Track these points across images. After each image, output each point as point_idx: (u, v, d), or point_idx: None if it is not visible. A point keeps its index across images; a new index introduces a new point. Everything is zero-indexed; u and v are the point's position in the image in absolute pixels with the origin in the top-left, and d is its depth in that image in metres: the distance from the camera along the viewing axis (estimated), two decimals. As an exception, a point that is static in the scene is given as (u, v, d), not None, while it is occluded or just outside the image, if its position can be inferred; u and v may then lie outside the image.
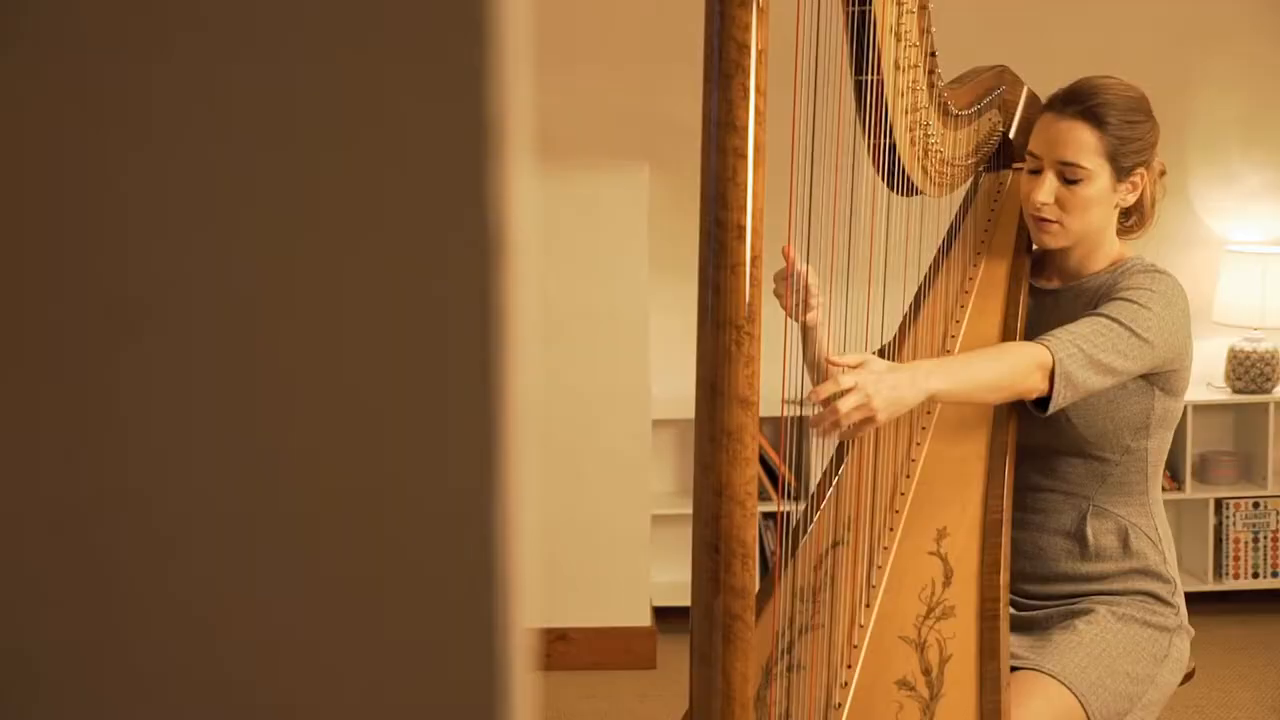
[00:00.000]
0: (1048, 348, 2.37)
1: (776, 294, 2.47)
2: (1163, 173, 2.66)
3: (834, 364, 2.21)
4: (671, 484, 5.29)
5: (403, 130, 0.51)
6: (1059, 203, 2.52)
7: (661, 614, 5.04)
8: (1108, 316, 2.43)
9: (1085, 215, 2.53)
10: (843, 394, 2.14)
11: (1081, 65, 4.58)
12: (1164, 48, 4.75)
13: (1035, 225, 2.57)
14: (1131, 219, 2.67)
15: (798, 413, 2.58)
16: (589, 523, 4.93)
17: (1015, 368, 2.36)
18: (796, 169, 1.92)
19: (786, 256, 2.40)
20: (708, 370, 1.71)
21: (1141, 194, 2.60)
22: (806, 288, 2.47)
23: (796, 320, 2.54)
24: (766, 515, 5.06)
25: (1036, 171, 2.55)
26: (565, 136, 4.76)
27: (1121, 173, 2.53)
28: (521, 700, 0.54)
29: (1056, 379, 2.36)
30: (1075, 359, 2.37)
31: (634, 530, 4.95)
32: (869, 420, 2.17)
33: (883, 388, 2.16)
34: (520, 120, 0.52)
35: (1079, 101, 2.52)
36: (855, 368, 2.18)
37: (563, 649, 4.96)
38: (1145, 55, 4.73)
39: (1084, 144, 2.50)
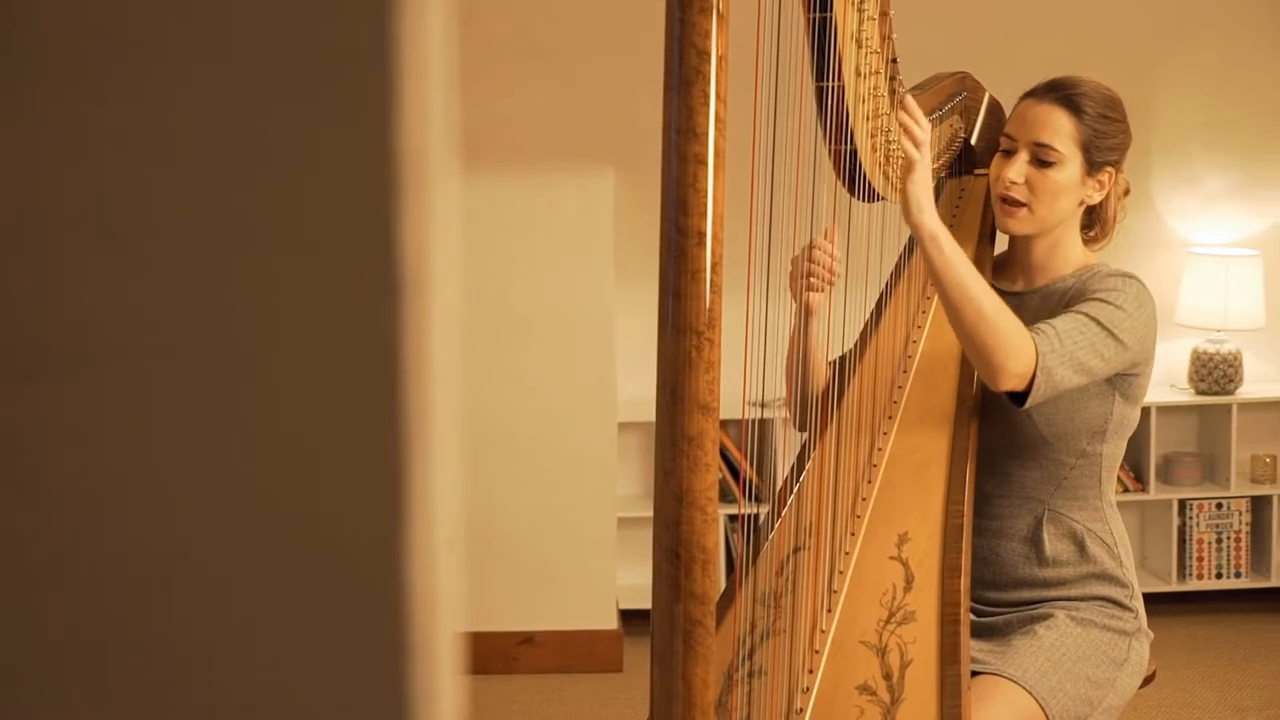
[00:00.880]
0: (1033, 339, 2.38)
1: (793, 274, 2.51)
2: (1126, 191, 2.68)
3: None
4: (638, 487, 5.29)
5: (307, 168, 0.51)
6: (1029, 184, 2.55)
7: (627, 617, 5.04)
8: (1086, 315, 2.44)
9: (1053, 201, 2.55)
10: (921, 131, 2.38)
11: (1045, 70, 4.59)
12: (1127, 52, 4.77)
13: (1001, 208, 2.59)
14: (1094, 229, 2.68)
15: (760, 415, 2.59)
16: (554, 525, 4.92)
17: (1008, 327, 2.35)
18: (758, 175, 1.92)
19: (827, 236, 2.48)
20: (668, 376, 1.71)
21: (1105, 200, 2.61)
22: (814, 260, 2.50)
23: (797, 299, 2.56)
24: (732, 518, 5.07)
25: (1010, 153, 2.57)
26: (531, 140, 4.76)
27: (1092, 166, 2.56)
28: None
29: (1038, 372, 2.36)
30: (1058, 354, 2.38)
31: (600, 533, 4.95)
32: (913, 157, 2.38)
33: (928, 172, 2.39)
34: (437, 151, 0.52)
35: (1059, 90, 2.57)
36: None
37: (528, 652, 4.96)
38: (1108, 60, 4.75)
39: (1060, 128, 2.54)
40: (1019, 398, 2.39)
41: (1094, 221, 2.67)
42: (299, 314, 0.51)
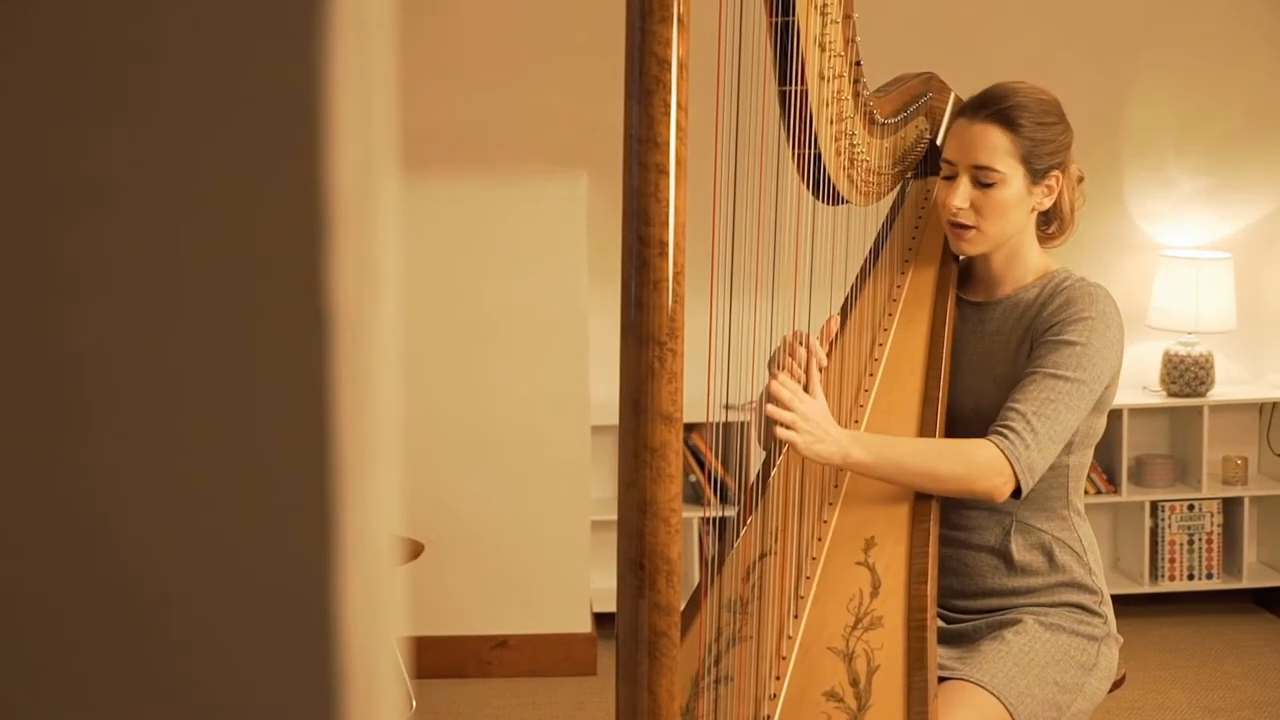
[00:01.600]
0: (1001, 451, 2.39)
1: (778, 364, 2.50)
2: (1080, 179, 2.67)
3: (778, 391, 2.33)
4: (611, 490, 5.28)
5: (228, 211, 0.50)
6: (974, 207, 2.53)
7: (602, 620, 5.03)
8: (1053, 375, 2.44)
9: (1002, 219, 2.54)
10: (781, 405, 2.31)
11: (1016, 73, 4.60)
12: (1098, 55, 4.78)
13: (952, 232, 2.58)
14: (1052, 226, 2.67)
15: (730, 417, 2.58)
16: (528, 529, 4.92)
17: (962, 467, 2.39)
18: (721, 180, 1.92)
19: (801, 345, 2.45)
20: (630, 386, 1.71)
21: (1059, 198, 2.60)
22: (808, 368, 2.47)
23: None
24: (707, 521, 5.06)
25: (951, 178, 2.56)
26: (505, 144, 4.75)
27: (1036, 175, 2.54)
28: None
29: (1020, 474, 2.39)
30: (1031, 447, 2.40)
31: (573, 536, 4.94)
32: (789, 440, 2.32)
33: (812, 427, 2.32)
34: (374, 177, 0.51)
35: (991, 105, 2.52)
36: (801, 395, 2.34)
37: (502, 656, 4.95)
38: (1079, 62, 4.76)
39: (997, 147, 2.51)
40: (1015, 493, 2.43)
41: (1051, 219, 2.66)
42: (225, 345, 0.51)
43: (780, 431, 2.30)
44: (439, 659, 4.92)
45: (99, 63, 0.50)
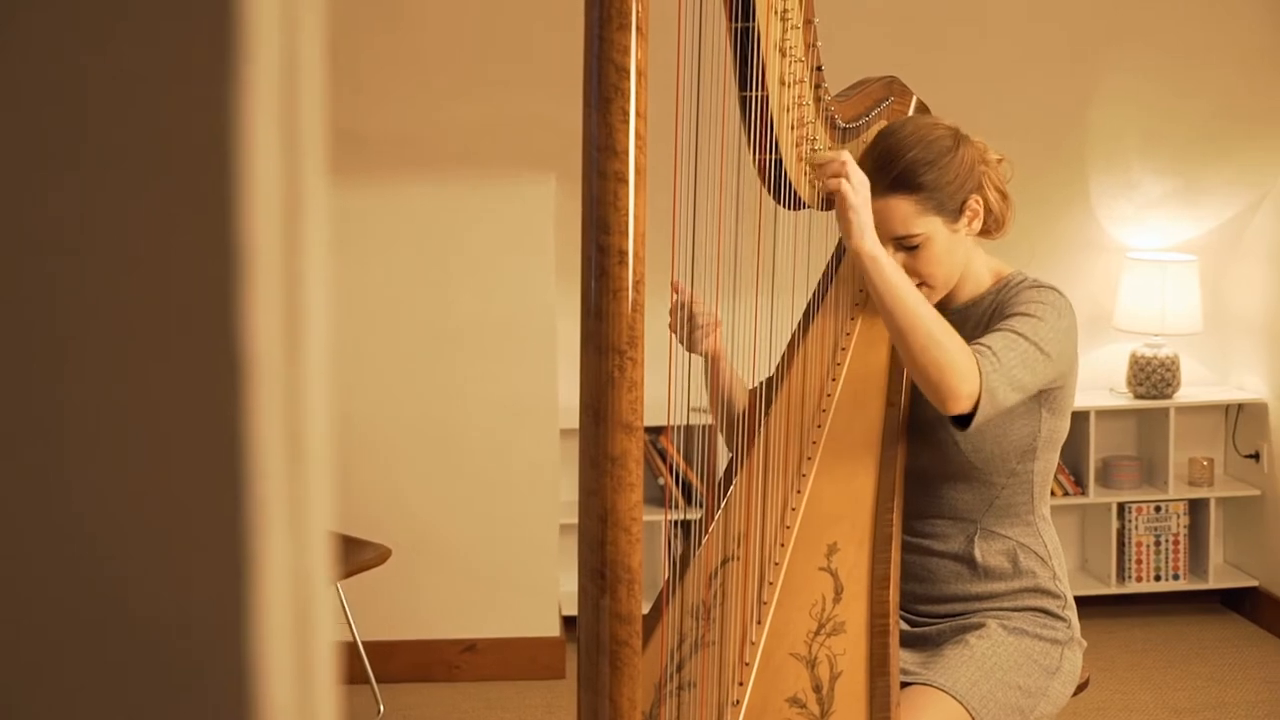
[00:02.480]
0: (977, 364, 2.32)
1: (671, 328, 2.47)
2: (999, 160, 2.63)
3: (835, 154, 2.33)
4: (579, 493, 5.27)
5: (140, 250, 0.50)
6: (910, 270, 2.48)
7: (570, 624, 5.02)
8: (1013, 331, 2.41)
9: (941, 269, 2.52)
10: (837, 164, 2.31)
11: (982, 78, 4.62)
12: (1064, 59, 4.79)
13: None
14: (987, 225, 2.63)
15: (697, 420, 2.58)
16: (497, 532, 4.91)
17: (955, 347, 2.30)
18: (681, 184, 1.92)
19: (675, 289, 2.44)
20: (590, 396, 1.70)
21: (985, 205, 2.59)
22: (692, 318, 2.49)
23: (695, 353, 2.56)
24: (683, 524, 5.06)
25: None
26: (473, 147, 4.74)
27: (954, 215, 2.51)
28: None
29: (983, 394, 2.32)
30: (999, 374, 2.34)
31: (542, 540, 4.94)
32: (839, 189, 2.30)
33: (862, 193, 2.32)
34: (297, 225, 0.51)
35: (886, 172, 2.47)
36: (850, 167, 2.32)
37: (470, 659, 4.94)
38: (1046, 66, 4.78)
39: (907, 214, 2.48)
40: (963, 420, 2.35)
41: (985, 222, 2.62)
42: (136, 382, 0.50)
43: (831, 181, 2.29)
44: (407, 663, 4.91)
45: (10, 107, 0.49)
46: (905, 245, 2.49)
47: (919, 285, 2.49)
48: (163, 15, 0.48)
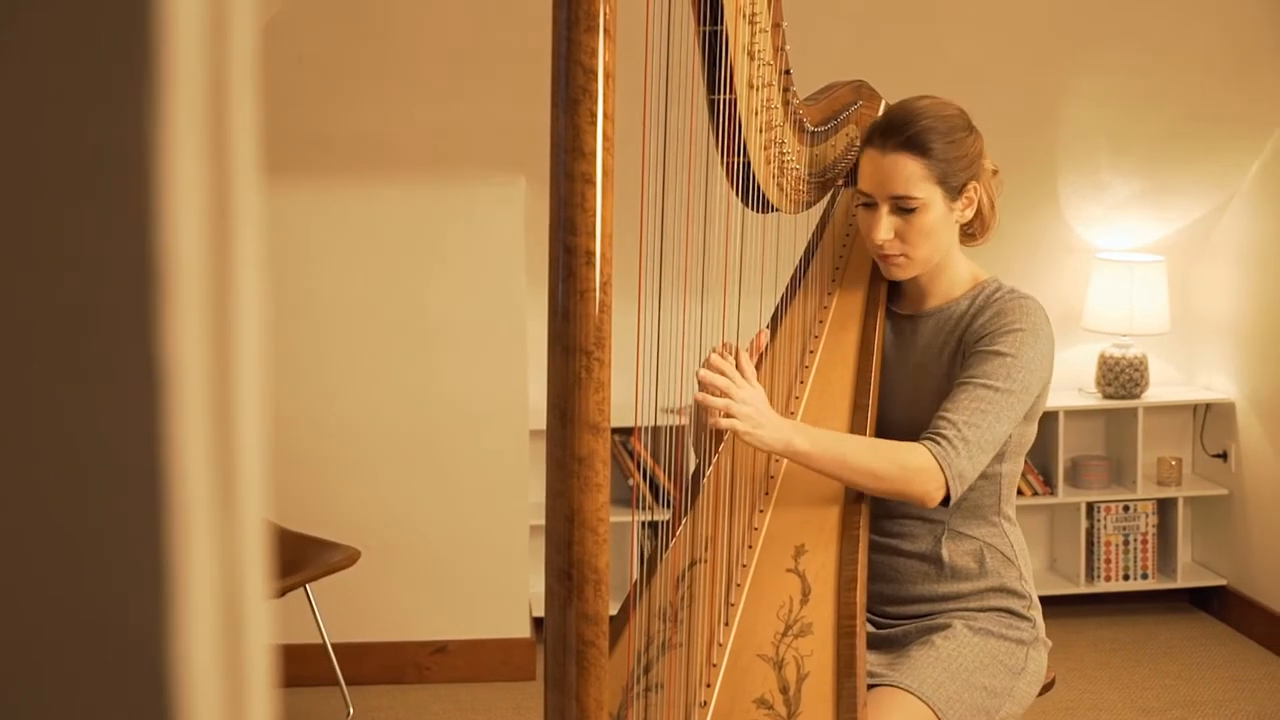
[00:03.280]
0: (933, 455, 2.39)
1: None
2: (995, 171, 2.68)
3: (713, 370, 2.31)
4: (550, 494, 5.26)
5: (58, 269, 0.49)
6: (899, 236, 2.53)
7: (541, 625, 5.00)
8: (983, 384, 2.45)
9: (928, 243, 2.55)
10: (719, 400, 2.29)
11: (950, 76, 4.62)
12: (1033, 60, 4.81)
13: (882, 260, 2.59)
14: (973, 226, 2.67)
15: (667, 421, 2.59)
16: (467, 533, 4.91)
17: (898, 469, 2.38)
18: (649, 188, 1.92)
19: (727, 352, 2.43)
20: (557, 397, 1.70)
21: (979, 203, 2.61)
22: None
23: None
24: (652, 525, 5.06)
25: (870, 205, 2.56)
26: (442, 148, 4.74)
27: (954, 192, 2.54)
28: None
29: (950, 481, 2.39)
30: (963, 455, 2.40)
31: (513, 541, 4.94)
32: (730, 427, 2.30)
33: (752, 412, 2.30)
34: (227, 238, 0.51)
35: (898, 132, 2.51)
36: (738, 380, 2.32)
37: (440, 661, 4.94)
38: (1015, 68, 4.79)
39: (912, 175, 2.50)
40: (945, 500, 2.43)
41: (971, 221, 2.66)
42: (49, 398, 0.50)
43: (720, 420, 2.29)
44: (377, 665, 4.90)
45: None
46: (902, 207, 2.52)
47: (898, 256, 2.54)
48: (77, 26, 0.48)
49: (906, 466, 2.38)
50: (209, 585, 0.50)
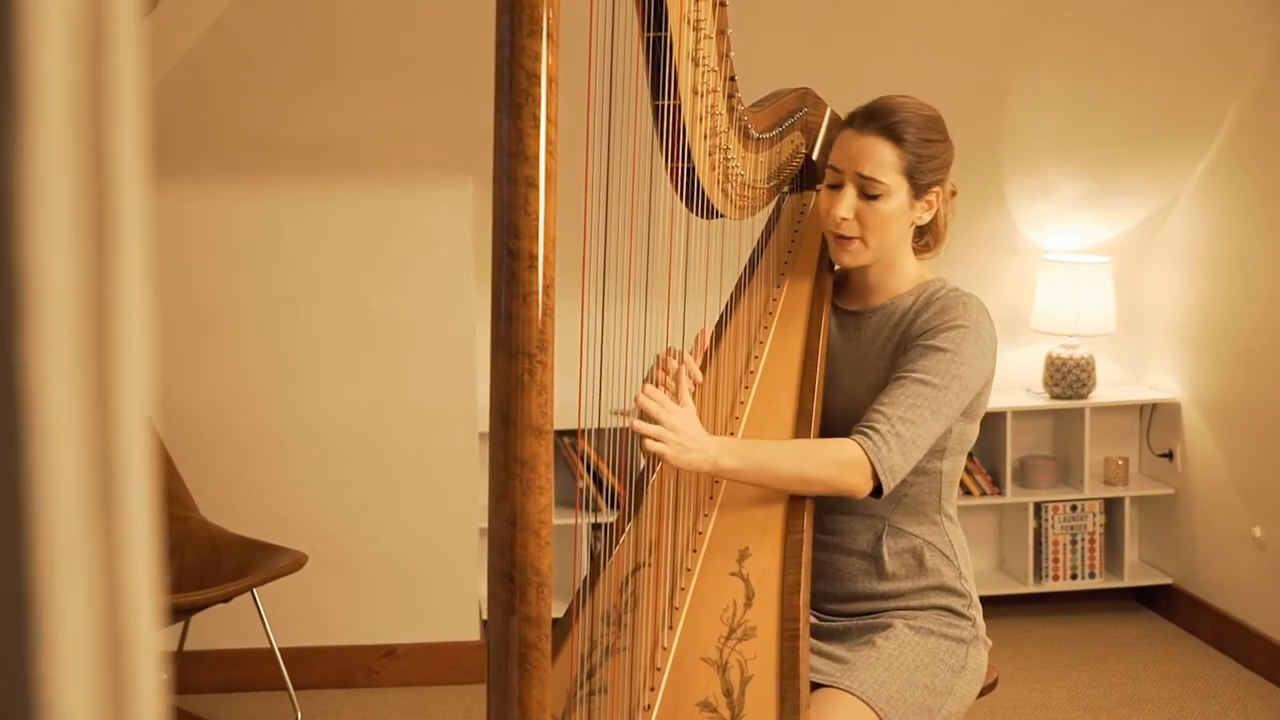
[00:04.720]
0: (863, 448, 2.41)
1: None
2: (954, 193, 2.71)
3: (644, 403, 2.31)
4: (500, 496, 5.25)
5: None
6: (858, 218, 2.57)
7: (491, 627, 5.00)
8: (920, 379, 2.47)
9: (884, 231, 2.58)
10: (650, 429, 2.30)
11: (895, 84, 4.63)
12: (980, 62, 4.83)
13: (835, 242, 2.61)
14: (925, 238, 2.71)
15: (614, 423, 2.58)
16: (416, 536, 4.89)
17: (827, 468, 2.41)
18: (593, 190, 1.92)
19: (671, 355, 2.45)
20: (500, 400, 1.70)
21: (935, 213, 2.65)
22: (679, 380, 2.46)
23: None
24: (595, 527, 5.07)
25: (836, 186, 2.58)
26: (390, 150, 4.72)
27: (918, 190, 2.58)
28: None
29: (881, 475, 2.42)
30: (893, 448, 2.42)
31: (462, 544, 4.93)
32: (658, 452, 2.31)
33: (680, 437, 2.31)
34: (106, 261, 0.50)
35: (879, 119, 2.56)
36: (668, 405, 2.33)
37: (390, 665, 4.92)
38: (961, 69, 4.81)
39: (883, 160, 2.55)
40: (876, 491, 2.46)
41: (925, 232, 2.70)
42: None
43: (649, 444, 2.31)
44: (326, 669, 4.88)
45: None
46: (867, 191, 2.56)
47: (853, 240, 2.57)
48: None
49: (835, 463, 2.41)
50: (83, 610, 0.50)
